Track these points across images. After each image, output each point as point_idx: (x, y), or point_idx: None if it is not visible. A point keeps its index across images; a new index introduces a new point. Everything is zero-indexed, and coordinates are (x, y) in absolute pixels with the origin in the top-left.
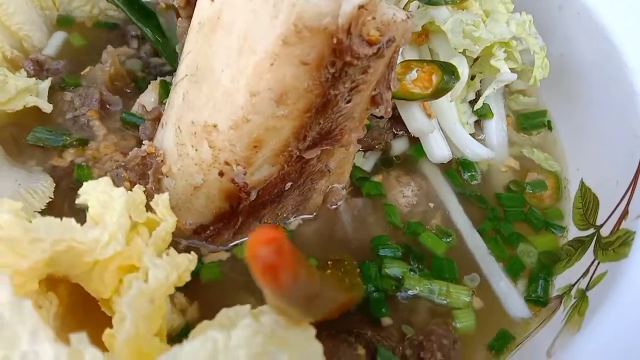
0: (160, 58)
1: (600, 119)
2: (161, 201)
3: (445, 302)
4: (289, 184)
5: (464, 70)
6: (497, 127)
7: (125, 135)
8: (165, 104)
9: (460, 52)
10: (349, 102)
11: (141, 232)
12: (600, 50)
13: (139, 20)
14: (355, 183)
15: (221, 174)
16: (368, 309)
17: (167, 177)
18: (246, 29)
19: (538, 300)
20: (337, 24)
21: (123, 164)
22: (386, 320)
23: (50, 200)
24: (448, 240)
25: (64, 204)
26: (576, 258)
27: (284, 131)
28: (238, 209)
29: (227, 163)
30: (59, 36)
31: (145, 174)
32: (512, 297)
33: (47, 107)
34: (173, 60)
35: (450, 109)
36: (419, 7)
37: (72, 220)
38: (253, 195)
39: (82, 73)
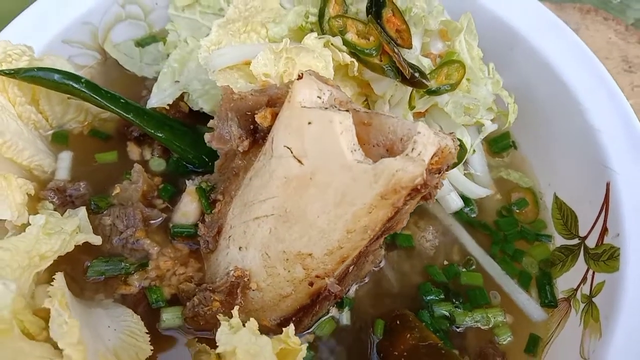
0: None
1: (563, 148)
2: (291, 332)
3: (488, 326)
4: (352, 266)
5: (468, 140)
6: (479, 162)
7: (176, 246)
8: (213, 214)
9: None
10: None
11: None
12: (553, 89)
13: (154, 130)
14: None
15: (311, 284)
16: None
17: (253, 290)
18: (344, 190)
19: (550, 303)
20: (424, 177)
21: (211, 288)
22: None
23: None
24: (472, 268)
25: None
26: (569, 264)
27: (364, 242)
28: (317, 301)
29: (317, 276)
30: (66, 157)
31: (233, 292)
32: (530, 305)
33: (98, 240)
34: (199, 160)
35: None
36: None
37: None
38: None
39: (113, 194)
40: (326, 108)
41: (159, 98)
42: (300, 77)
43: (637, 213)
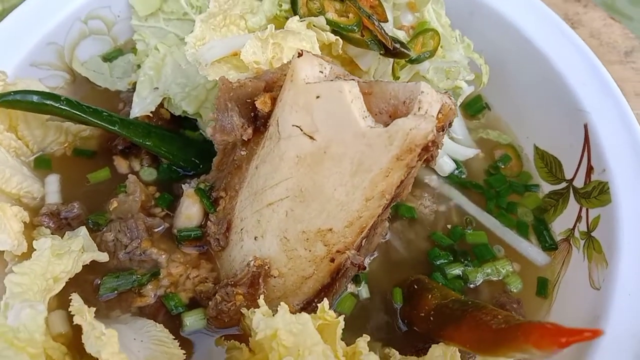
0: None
1: (534, 100)
2: (326, 306)
3: (499, 277)
4: (364, 240)
5: None
6: (459, 126)
7: (184, 250)
8: (218, 212)
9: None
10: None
11: None
12: (516, 46)
13: (142, 139)
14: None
15: (332, 260)
16: None
17: (274, 277)
18: (360, 157)
19: (550, 246)
20: (434, 133)
21: (232, 282)
22: None
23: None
24: (473, 227)
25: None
26: (562, 207)
27: (380, 209)
28: (337, 278)
29: (338, 251)
30: (53, 180)
31: (255, 282)
32: (533, 251)
33: (105, 257)
34: (190, 164)
35: None
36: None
37: None
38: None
39: (111, 209)
40: (331, 80)
41: (141, 107)
42: (300, 55)
43: (617, 146)
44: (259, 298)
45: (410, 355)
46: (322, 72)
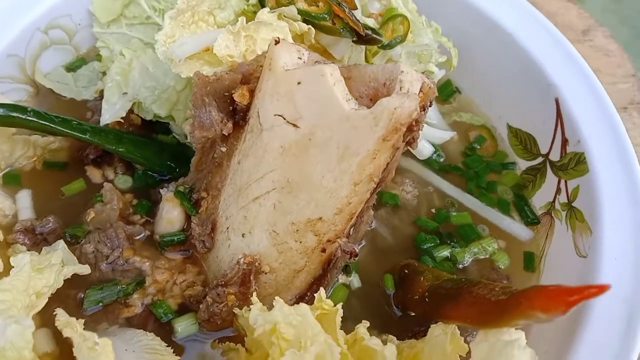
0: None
1: (503, 80)
2: (323, 295)
3: (486, 255)
4: (352, 228)
5: None
6: (433, 110)
7: (168, 256)
8: (200, 213)
9: None
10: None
11: None
12: (480, 27)
13: (114, 146)
14: None
15: (323, 250)
16: None
17: (265, 273)
18: (346, 141)
19: (533, 221)
20: (418, 111)
21: (222, 282)
22: None
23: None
24: (455, 209)
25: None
26: (539, 182)
27: (368, 194)
28: (328, 269)
29: (329, 240)
30: (25, 195)
31: (246, 280)
32: (516, 227)
33: (86, 269)
34: (166, 168)
35: None
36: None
37: None
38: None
39: (88, 220)
40: (311, 65)
41: (111, 113)
42: (277, 42)
43: (589, 116)
44: (252, 296)
45: (408, 339)
46: (300, 59)
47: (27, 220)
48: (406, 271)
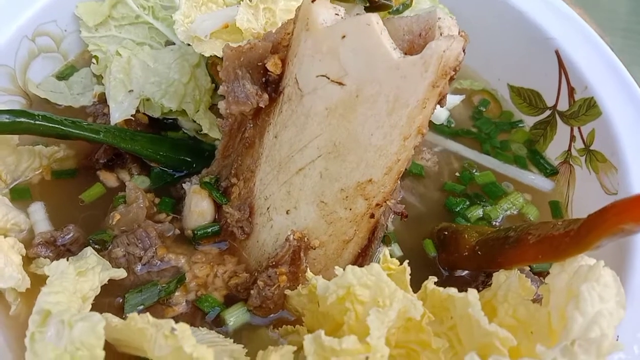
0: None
1: (499, 40)
2: (387, 254)
3: (515, 211)
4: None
5: None
6: None
7: (203, 250)
8: (233, 200)
9: None
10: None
11: None
12: None
13: (129, 145)
14: None
15: (372, 215)
16: None
17: (314, 248)
18: (395, 92)
19: (552, 172)
20: (463, 54)
21: (273, 263)
22: None
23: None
24: (476, 169)
25: None
26: (551, 134)
27: (412, 151)
28: (373, 238)
29: (377, 204)
30: (38, 208)
31: (296, 258)
32: (538, 180)
33: (122, 272)
34: (183, 163)
35: None
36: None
37: None
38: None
39: (113, 223)
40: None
41: (121, 111)
42: (313, 0)
43: (591, 62)
44: (303, 274)
45: None
46: (337, 15)
47: (46, 232)
48: (445, 233)
